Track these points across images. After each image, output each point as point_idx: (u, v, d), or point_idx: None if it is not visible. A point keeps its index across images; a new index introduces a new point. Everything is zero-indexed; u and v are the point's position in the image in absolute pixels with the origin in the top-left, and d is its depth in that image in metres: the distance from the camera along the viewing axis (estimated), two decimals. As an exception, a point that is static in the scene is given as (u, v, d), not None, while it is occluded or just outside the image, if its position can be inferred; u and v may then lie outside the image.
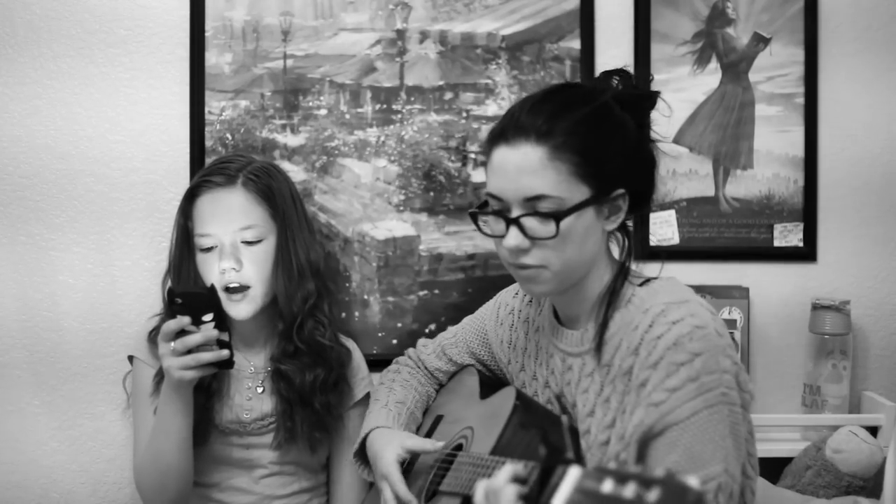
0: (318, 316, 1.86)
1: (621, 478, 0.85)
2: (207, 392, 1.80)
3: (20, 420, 2.06)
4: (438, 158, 2.10)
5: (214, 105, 2.06)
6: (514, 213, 1.35)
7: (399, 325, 2.11)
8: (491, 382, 1.67)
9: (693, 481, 0.83)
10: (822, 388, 2.08)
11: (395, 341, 2.10)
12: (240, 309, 1.79)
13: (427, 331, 2.10)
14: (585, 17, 2.10)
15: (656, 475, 0.84)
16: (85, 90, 2.04)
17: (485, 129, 2.09)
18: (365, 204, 2.10)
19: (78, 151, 2.05)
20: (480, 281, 2.11)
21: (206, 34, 2.05)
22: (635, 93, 1.45)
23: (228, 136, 2.07)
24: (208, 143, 2.06)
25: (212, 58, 2.06)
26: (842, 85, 2.15)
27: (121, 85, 2.05)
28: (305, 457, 1.87)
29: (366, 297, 2.10)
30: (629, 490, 0.84)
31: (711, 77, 2.13)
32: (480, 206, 1.42)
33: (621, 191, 1.37)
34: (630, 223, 1.45)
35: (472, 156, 2.10)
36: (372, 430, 1.66)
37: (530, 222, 1.34)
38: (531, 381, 1.55)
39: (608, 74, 1.47)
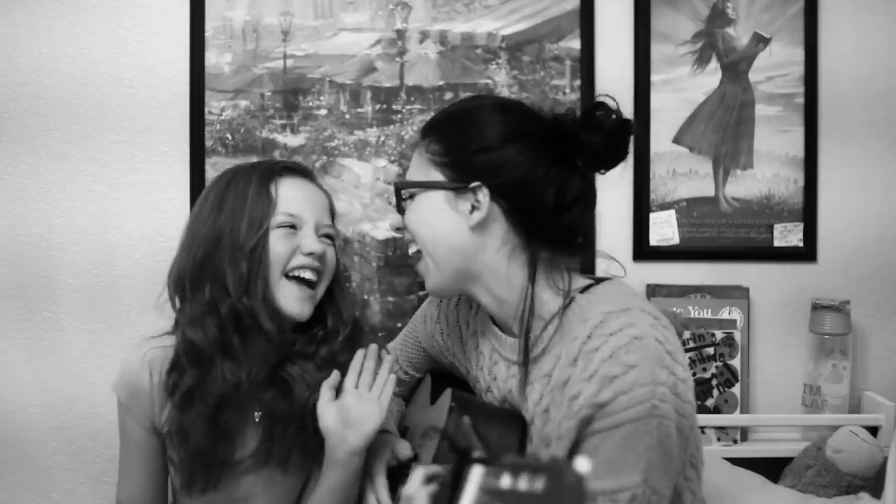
0: (358, 341, 1.67)
1: (515, 470, 0.86)
2: (226, 427, 1.57)
3: (20, 420, 2.06)
4: (438, 158, 2.10)
5: (214, 105, 2.06)
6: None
7: (399, 325, 2.11)
8: (441, 383, 1.63)
9: (581, 464, 0.84)
10: (822, 388, 2.08)
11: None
12: (304, 308, 1.58)
13: (427, 331, 2.10)
14: (585, 17, 2.10)
15: (541, 462, 0.85)
16: (85, 90, 2.04)
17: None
18: (365, 204, 2.10)
19: (78, 151, 2.05)
20: (480, 281, 2.10)
21: (206, 34, 2.05)
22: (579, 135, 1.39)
23: (228, 136, 2.07)
24: (208, 143, 2.06)
25: (212, 58, 2.06)
26: (842, 85, 2.15)
27: (121, 85, 2.05)
28: (280, 479, 1.63)
29: (366, 297, 2.10)
30: (522, 482, 0.85)
31: (711, 77, 2.13)
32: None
33: (476, 183, 1.36)
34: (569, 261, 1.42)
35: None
36: None
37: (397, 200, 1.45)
38: (474, 384, 1.55)
39: (595, 107, 1.40)
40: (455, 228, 1.38)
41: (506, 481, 0.86)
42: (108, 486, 2.08)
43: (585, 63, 2.10)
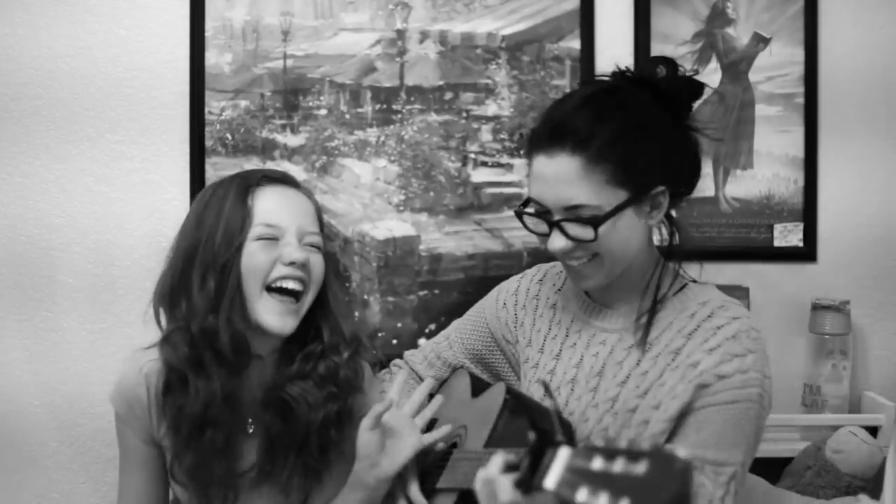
0: (360, 356, 1.64)
1: (609, 454, 0.87)
2: (213, 442, 1.54)
3: (20, 420, 2.06)
4: (438, 158, 2.10)
5: (214, 105, 2.06)
6: (556, 216, 1.41)
7: (399, 325, 2.11)
8: (482, 382, 1.69)
9: (681, 452, 0.85)
10: (822, 388, 2.08)
11: (395, 341, 2.10)
12: (286, 323, 1.52)
13: (427, 331, 2.10)
14: (585, 17, 2.10)
15: (643, 448, 0.85)
16: (85, 90, 2.04)
17: (485, 129, 2.10)
18: (365, 204, 2.10)
19: (78, 151, 2.05)
20: (480, 281, 2.10)
21: (206, 34, 2.05)
22: (675, 85, 1.47)
23: (228, 136, 2.07)
24: (208, 143, 2.06)
25: (212, 58, 2.06)
26: (842, 85, 2.15)
27: (121, 85, 2.05)
28: (282, 501, 1.61)
29: (366, 297, 2.10)
30: (618, 465, 0.85)
31: (711, 77, 2.13)
32: (524, 204, 1.47)
33: (661, 188, 1.42)
34: (673, 212, 1.51)
35: (472, 156, 2.10)
36: None
37: (571, 227, 1.40)
38: (537, 354, 1.60)
39: (655, 61, 1.50)
40: (642, 233, 1.46)
41: (598, 463, 0.86)
42: (108, 486, 2.08)
43: (585, 63, 2.10)
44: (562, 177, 1.37)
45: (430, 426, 1.70)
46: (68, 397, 2.06)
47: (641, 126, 1.41)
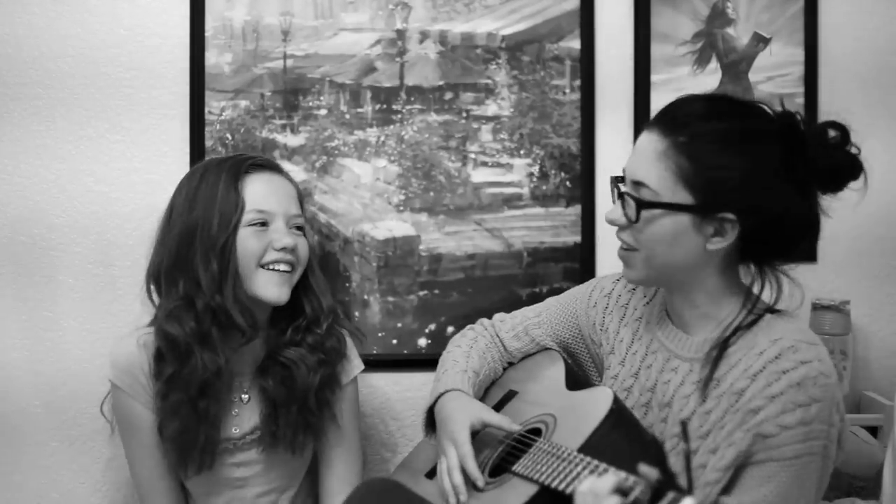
0: (341, 323, 1.84)
1: None
2: (206, 412, 1.70)
3: (20, 420, 2.06)
4: (438, 158, 2.10)
5: (214, 105, 2.06)
6: (624, 188, 1.42)
7: (399, 325, 2.11)
8: (577, 375, 1.67)
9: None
10: (822, 388, 2.08)
11: (395, 341, 2.10)
12: (283, 292, 1.70)
13: (427, 331, 2.10)
14: (585, 17, 2.10)
15: None
16: (86, 90, 2.04)
17: (485, 129, 2.10)
18: (365, 204, 2.10)
19: (78, 151, 2.05)
20: (480, 281, 2.11)
21: (206, 34, 2.05)
22: (837, 157, 1.44)
23: (228, 136, 2.07)
24: (208, 143, 2.06)
25: (212, 58, 2.06)
26: (841, 85, 2.15)
27: (121, 85, 2.05)
28: (289, 460, 1.79)
29: (366, 297, 2.10)
30: None
31: (711, 77, 2.13)
32: (623, 176, 1.47)
33: (730, 216, 1.37)
34: (781, 271, 1.46)
35: (472, 156, 2.10)
36: (448, 391, 1.63)
37: (630, 202, 1.40)
38: (618, 365, 1.58)
39: (832, 125, 1.45)
40: (692, 249, 1.40)
41: None
42: (108, 486, 2.08)
43: (585, 63, 2.10)
44: (644, 152, 1.39)
45: (509, 397, 1.69)
46: (68, 397, 2.06)
47: (741, 143, 1.37)
